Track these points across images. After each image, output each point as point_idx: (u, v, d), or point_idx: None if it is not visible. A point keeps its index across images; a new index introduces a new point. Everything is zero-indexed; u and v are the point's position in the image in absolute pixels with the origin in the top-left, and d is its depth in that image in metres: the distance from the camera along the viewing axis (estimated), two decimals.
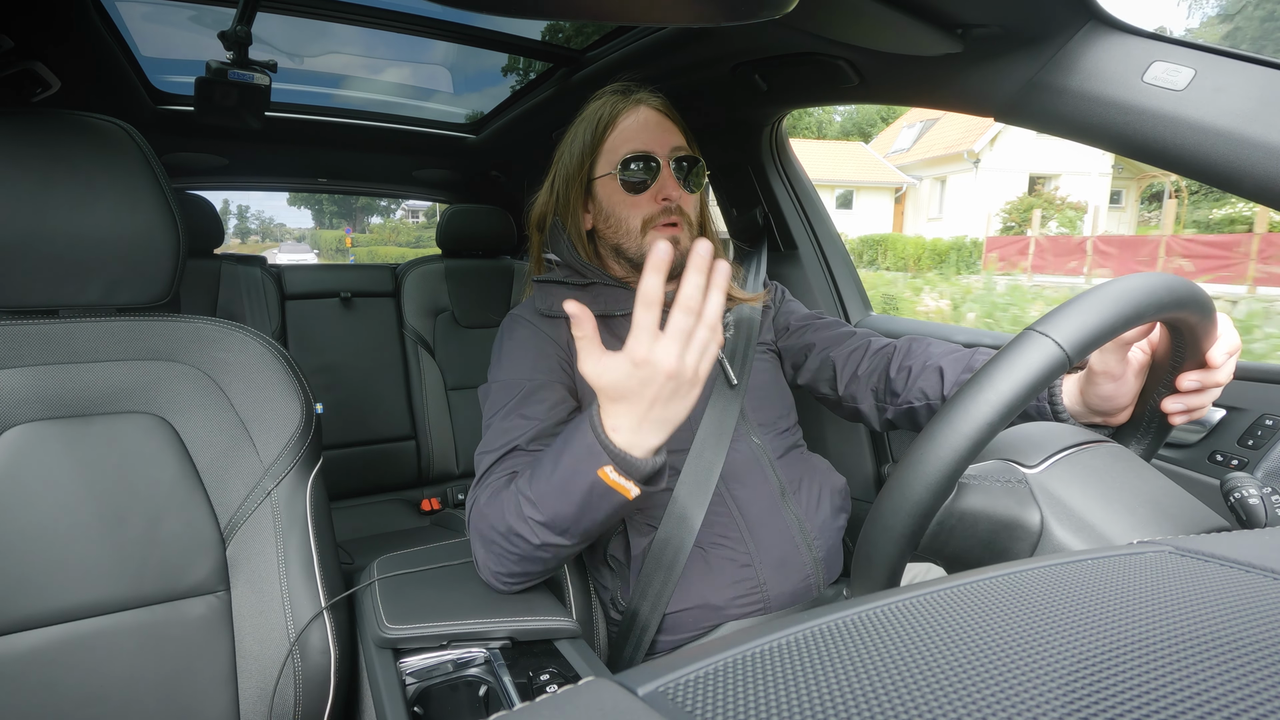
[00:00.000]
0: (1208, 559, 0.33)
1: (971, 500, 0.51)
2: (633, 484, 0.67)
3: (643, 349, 0.61)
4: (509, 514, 0.74)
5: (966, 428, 0.44)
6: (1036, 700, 0.21)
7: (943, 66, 0.94)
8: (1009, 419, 0.45)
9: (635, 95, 0.98)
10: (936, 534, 0.51)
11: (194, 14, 1.43)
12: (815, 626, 0.28)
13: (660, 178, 0.95)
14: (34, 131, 0.75)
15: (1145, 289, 0.48)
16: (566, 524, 0.71)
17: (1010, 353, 0.46)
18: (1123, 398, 0.67)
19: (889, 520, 0.46)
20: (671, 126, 0.98)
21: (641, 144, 0.95)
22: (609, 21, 1.27)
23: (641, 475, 0.67)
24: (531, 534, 0.72)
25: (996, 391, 0.44)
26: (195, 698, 0.79)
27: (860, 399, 0.98)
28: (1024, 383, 0.44)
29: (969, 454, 0.45)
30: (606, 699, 0.24)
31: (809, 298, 1.49)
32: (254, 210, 30.25)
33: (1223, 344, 0.59)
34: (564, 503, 0.70)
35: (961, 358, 0.87)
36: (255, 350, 0.86)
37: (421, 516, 1.99)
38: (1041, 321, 0.47)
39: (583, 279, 0.97)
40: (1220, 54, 0.74)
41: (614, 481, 0.66)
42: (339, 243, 32.03)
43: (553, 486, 0.70)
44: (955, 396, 0.46)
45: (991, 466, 0.55)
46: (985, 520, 0.51)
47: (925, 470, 0.45)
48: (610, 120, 0.96)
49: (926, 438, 0.46)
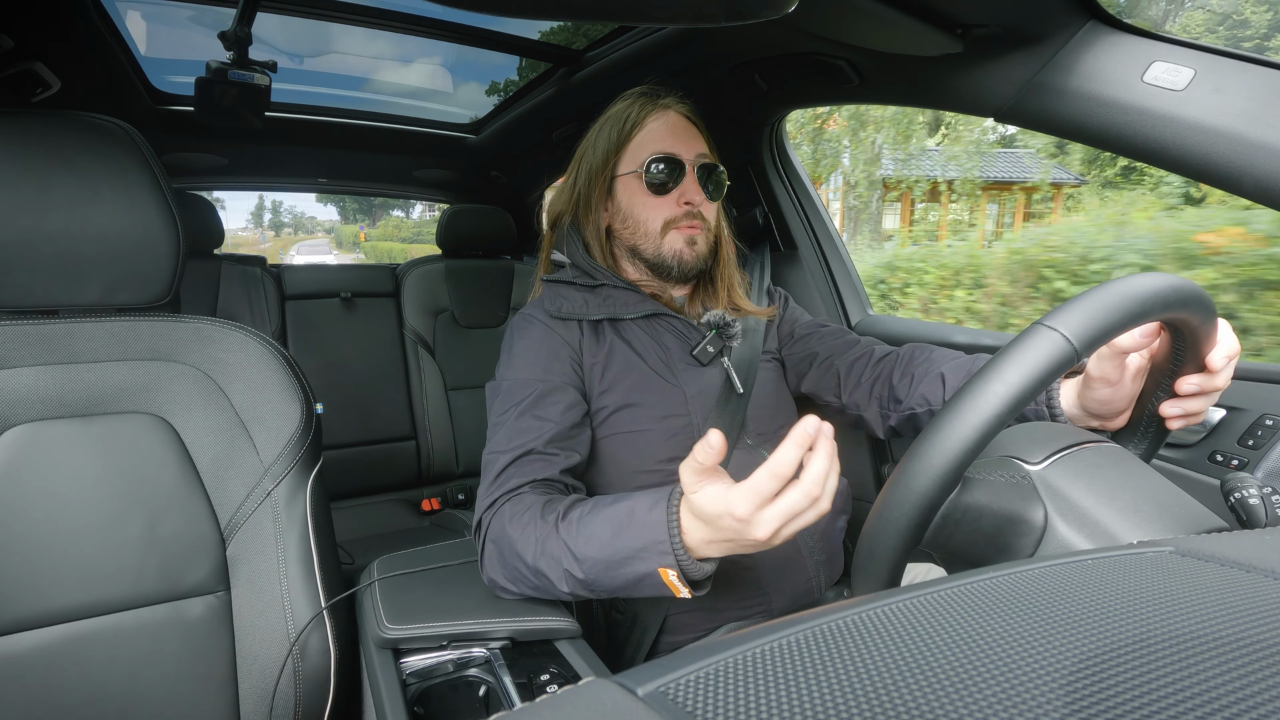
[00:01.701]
0: (1208, 559, 0.33)
1: (976, 495, 0.51)
2: (687, 589, 0.65)
3: (745, 509, 0.57)
4: (542, 556, 0.71)
5: (975, 419, 0.44)
6: (1037, 700, 0.21)
7: (943, 66, 0.94)
8: (1017, 411, 0.45)
9: (663, 99, 0.98)
10: (941, 528, 0.51)
11: (194, 14, 1.44)
12: (815, 626, 0.28)
13: (684, 181, 0.95)
14: (34, 131, 0.75)
15: (1153, 287, 0.48)
16: (602, 590, 0.70)
17: (1019, 346, 0.46)
18: (1119, 402, 0.67)
19: (894, 513, 0.46)
20: (696, 133, 0.98)
21: (667, 146, 0.95)
22: (609, 21, 1.27)
23: (695, 580, 0.66)
24: (561, 582, 0.71)
25: (1005, 383, 0.44)
26: (195, 698, 0.79)
27: (864, 407, 0.98)
28: (1032, 375, 0.44)
29: (976, 446, 0.44)
30: (607, 699, 0.24)
31: (809, 298, 1.49)
32: (286, 205, 31.22)
33: (1222, 348, 0.59)
34: (610, 577, 0.68)
35: (963, 363, 0.88)
36: (255, 350, 0.86)
37: (421, 516, 1.99)
38: (1050, 316, 0.47)
39: (592, 280, 0.97)
40: (1220, 54, 0.74)
41: (670, 582, 0.65)
42: (355, 237, 35.35)
43: (604, 557, 0.67)
44: (964, 388, 0.46)
45: (995, 463, 0.55)
46: (990, 515, 0.51)
47: (932, 462, 0.45)
48: (638, 121, 0.96)
49: (934, 429, 0.45)
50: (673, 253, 0.95)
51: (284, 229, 31.71)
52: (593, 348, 0.94)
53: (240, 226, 29.49)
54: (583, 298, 0.96)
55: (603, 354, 0.93)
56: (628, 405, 0.91)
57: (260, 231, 30.01)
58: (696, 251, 0.96)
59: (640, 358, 0.94)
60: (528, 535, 0.73)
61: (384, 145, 2.15)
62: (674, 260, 0.96)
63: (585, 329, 0.94)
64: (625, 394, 0.91)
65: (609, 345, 0.94)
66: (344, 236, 38.34)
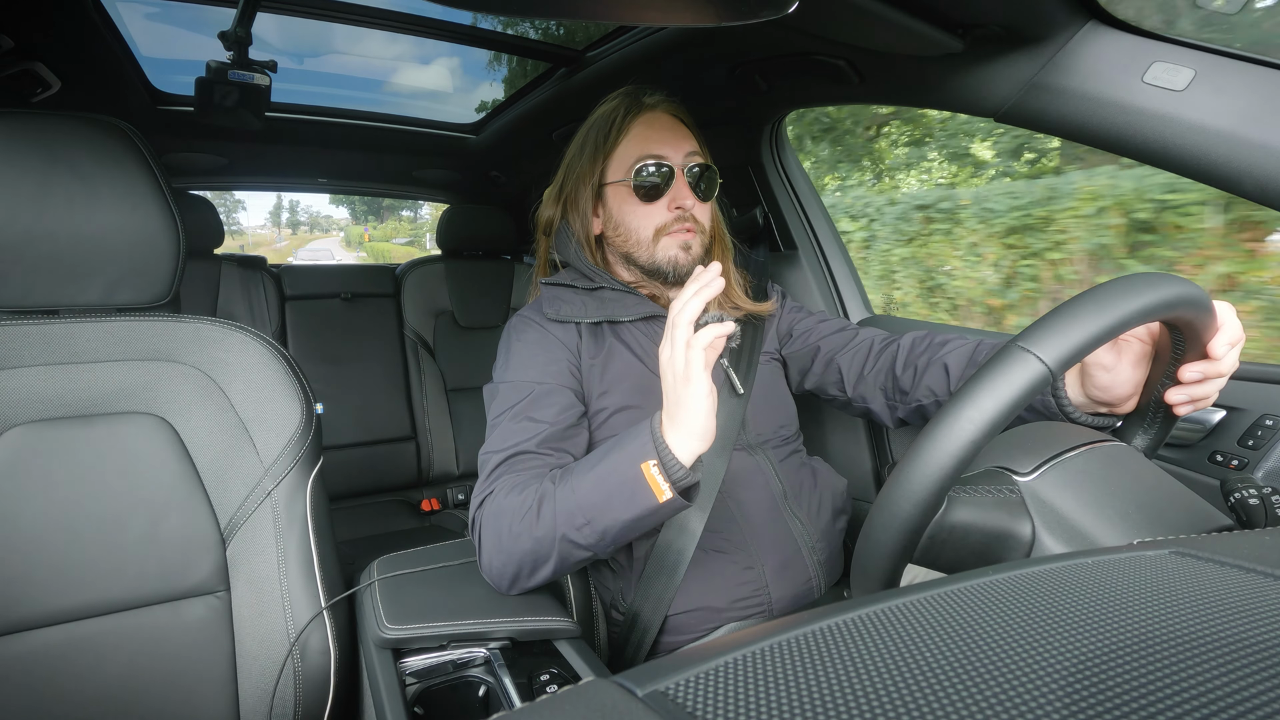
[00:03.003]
0: (1208, 559, 0.33)
1: (961, 513, 0.51)
2: (668, 486, 0.69)
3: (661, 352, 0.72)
4: (537, 509, 0.74)
5: (951, 446, 0.45)
6: (1037, 700, 0.21)
7: (943, 66, 0.94)
8: (993, 436, 0.45)
9: (648, 99, 0.95)
10: (929, 547, 0.51)
11: (194, 14, 1.43)
12: (815, 627, 0.28)
13: (674, 185, 0.92)
14: (34, 131, 0.75)
15: (1131, 295, 0.48)
16: (589, 515, 0.71)
17: (993, 369, 0.46)
18: (1120, 387, 0.66)
19: (880, 535, 0.47)
20: (685, 131, 0.95)
21: (655, 150, 0.92)
22: (609, 21, 1.27)
23: (677, 479, 0.69)
24: (557, 528, 0.73)
25: (979, 409, 0.45)
26: (195, 698, 0.79)
27: (870, 399, 0.97)
28: (1006, 400, 0.45)
29: (954, 472, 0.45)
30: (607, 699, 0.24)
31: (809, 298, 1.49)
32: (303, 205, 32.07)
33: (1224, 334, 0.58)
34: (595, 491, 0.71)
35: (965, 352, 0.87)
36: (255, 350, 0.86)
37: (421, 517, 1.99)
38: (1025, 336, 0.47)
39: (590, 283, 0.96)
40: (1220, 54, 0.74)
41: (651, 477, 0.69)
42: (360, 237, 38.35)
43: (591, 476, 0.72)
44: (939, 414, 0.47)
45: (983, 477, 0.55)
46: (976, 533, 0.51)
47: (911, 489, 0.46)
48: (623, 124, 0.94)
49: (912, 456, 0.46)
50: (668, 259, 0.93)
51: (300, 227, 32.43)
52: (591, 350, 0.93)
53: (260, 224, 30.13)
54: (580, 300, 0.95)
55: (601, 356, 0.93)
56: (627, 407, 0.91)
57: (277, 231, 30.57)
58: (692, 255, 0.94)
59: (639, 360, 0.94)
60: (524, 500, 0.75)
61: (384, 145, 2.15)
62: (670, 266, 0.94)
63: (583, 331, 0.94)
64: (625, 396, 0.91)
65: (607, 347, 0.94)
66: (352, 237, 40.91)
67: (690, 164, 0.94)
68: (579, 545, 0.73)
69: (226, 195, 23.45)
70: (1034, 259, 3.36)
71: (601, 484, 0.71)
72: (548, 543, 0.73)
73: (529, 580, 0.78)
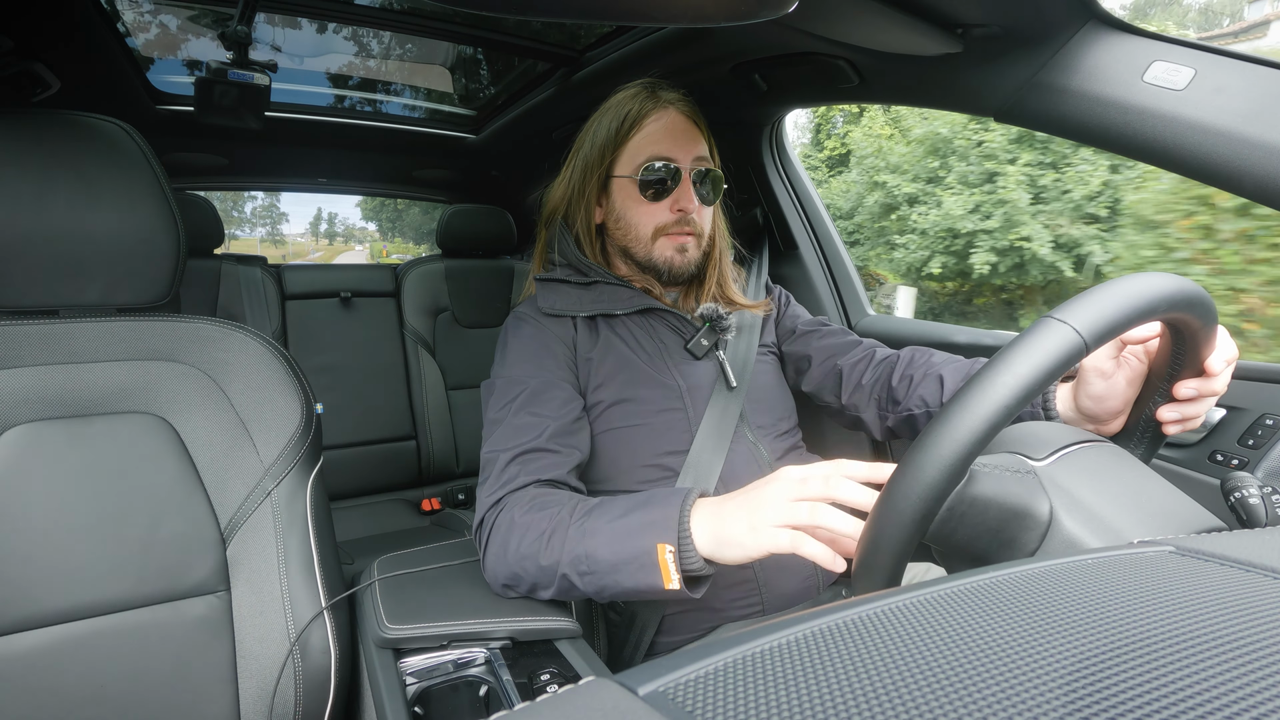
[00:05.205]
0: (1208, 559, 0.33)
1: (983, 486, 0.50)
2: (677, 576, 0.66)
3: (798, 472, 0.64)
4: (549, 541, 0.72)
5: (984, 409, 0.44)
6: (1037, 700, 0.21)
7: (943, 66, 0.94)
8: (1026, 403, 0.44)
9: (665, 96, 0.96)
10: (946, 520, 0.50)
11: (194, 14, 1.43)
12: (815, 626, 0.28)
13: (680, 187, 0.94)
14: (34, 131, 0.75)
15: (1161, 284, 0.48)
16: (594, 566, 0.70)
17: (1028, 338, 0.45)
18: (1113, 400, 0.66)
19: (900, 504, 0.45)
20: (697, 134, 0.96)
21: (665, 150, 0.93)
22: (609, 21, 1.27)
23: (689, 568, 0.67)
24: (562, 565, 0.71)
25: (1014, 375, 0.44)
26: (195, 698, 0.79)
27: (863, 408, 0.98)
28: (1042, 367, 0.44)
29: (985, 436, 0.44)
30: (607, 699, 0.24)
31: (809, 298, 1.49)
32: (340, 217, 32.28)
33: (1221, 353, 0.59)
34: (606, 548, 0.69)
35: (961, 367, 0.88)
36: (255, 350, 0.86)
37: (421, 516, 1.99)
38: (1060, 309, 0.47)
39: (585, 278, 0.97)
40: (1220, 54, 0.74)
41: (664, 562, 0.66)
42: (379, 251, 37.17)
43: (608, 531, 0.69)
44: (972, 379, 0.45)
45: (1002, 457, 0.55)
46: (996, 508, 0.51)
47: (940, 452, 0.44)
48: (637, 119, 0.94)
49: (942, 420, 0.45)
50: (663, 259, 0.95)
51: (336, 238, 32.94)
52: (587, 343, 0.94)
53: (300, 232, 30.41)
54: (575, 294, 0.96)
55: (597, 349, 0.93)
56: (623, 400, 0.91)
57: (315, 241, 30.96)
58: (687, 259, 0.96)
59: (634, 353, 0.94)
60: (538, 522, 0.73)
61: (384, 145, 2.15)
62: (664, 266, 0.96)
63: (579, 325, 0.95)
64: (620, 389, 0.91)
65: (603, 341, 0.94)
66: (374, 251, 40.97)
67: (697, 168, 0.95)
68: (578, 588, 0.72)
69: (273, 208, 23.25)
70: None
71: (614, 544, 0.69)
72: (550, 573, 0.73)
73: (526, 594, 0.78)
